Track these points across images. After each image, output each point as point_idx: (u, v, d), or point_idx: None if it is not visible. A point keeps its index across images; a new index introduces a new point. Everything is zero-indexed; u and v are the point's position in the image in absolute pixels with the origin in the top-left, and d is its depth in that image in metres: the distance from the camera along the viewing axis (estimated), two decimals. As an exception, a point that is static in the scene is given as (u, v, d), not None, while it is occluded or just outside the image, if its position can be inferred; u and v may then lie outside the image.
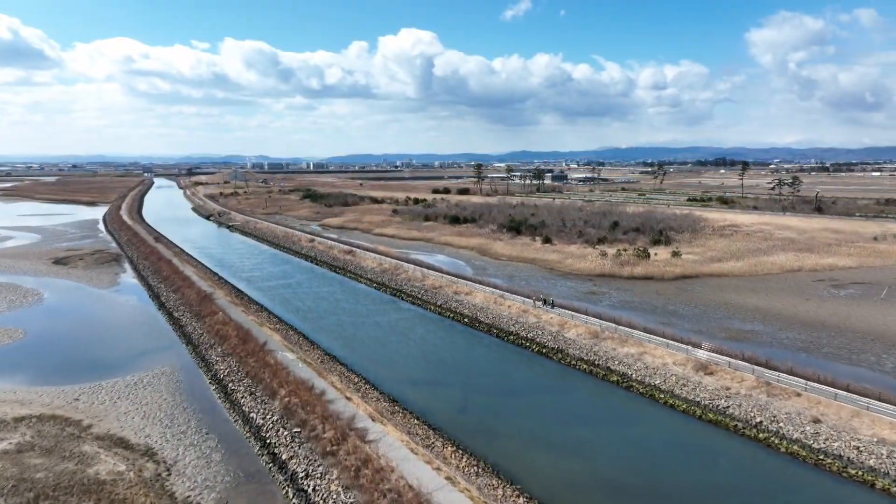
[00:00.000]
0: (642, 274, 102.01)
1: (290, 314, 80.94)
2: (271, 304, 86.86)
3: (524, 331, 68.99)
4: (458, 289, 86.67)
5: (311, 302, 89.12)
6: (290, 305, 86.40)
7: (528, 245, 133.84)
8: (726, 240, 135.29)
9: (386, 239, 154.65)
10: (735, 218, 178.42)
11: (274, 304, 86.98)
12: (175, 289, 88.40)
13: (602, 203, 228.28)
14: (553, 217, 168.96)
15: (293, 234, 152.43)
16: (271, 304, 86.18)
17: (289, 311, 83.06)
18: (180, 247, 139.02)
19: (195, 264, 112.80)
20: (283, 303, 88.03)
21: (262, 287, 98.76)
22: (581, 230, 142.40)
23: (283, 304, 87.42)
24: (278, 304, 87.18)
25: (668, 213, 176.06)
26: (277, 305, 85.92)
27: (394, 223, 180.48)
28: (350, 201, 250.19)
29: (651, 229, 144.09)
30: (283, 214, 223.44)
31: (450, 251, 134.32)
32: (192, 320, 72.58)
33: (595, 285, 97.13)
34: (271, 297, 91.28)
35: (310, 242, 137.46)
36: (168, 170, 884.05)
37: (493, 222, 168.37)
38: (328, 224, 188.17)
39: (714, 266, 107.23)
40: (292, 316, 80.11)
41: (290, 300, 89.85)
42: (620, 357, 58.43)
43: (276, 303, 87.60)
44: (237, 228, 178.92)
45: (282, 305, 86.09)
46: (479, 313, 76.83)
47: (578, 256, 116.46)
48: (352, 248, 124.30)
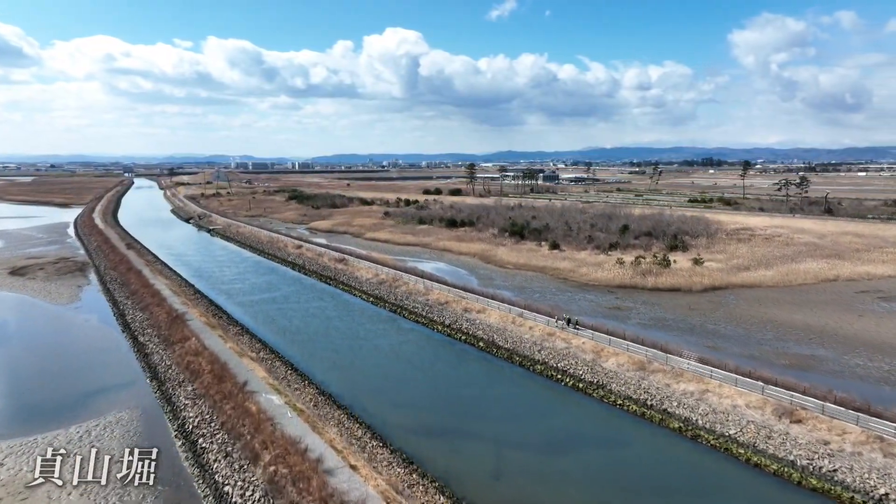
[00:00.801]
0: (668, 285, 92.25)
1: (276, 336, 69.97)
2: (254, 323, 75.82)
3: (553, 359, 58.65)
4: (467, 305, 76.18)
5: (300, 320, 78.17)
6: (275, 325, 75.40)
7: (534, 251, 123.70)
8: (745, 245, 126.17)
9: (379, 244, 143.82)
10: (745, 220, 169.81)
11: (257, 323, 75.94)
12: (143, 306, 77.02)
13: (602, 204, 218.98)
14: (556, 220, 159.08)
15: (279, 239, 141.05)
16: (254, 324, 75.12)
17: (274, 332, 72.08)
18: (155, 254, 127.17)
19: (169, 275, 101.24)
20: (268, 322, 77.00)
21: (244, 302, 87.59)
22: (590, 234, 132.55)
23: (268, 323, 76.38)
24: (262, 323, 76.14)
25: (676, 215, 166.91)
26: (261, 325, 74.88)
27: (386, 226, 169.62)
28: (338, 203, 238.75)
29: (664, 234, 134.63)
30: (268, 217, 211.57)
31: (450, 258, 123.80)
32: (160, 347, 61.43)
33: (618, 298, 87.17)
34: (254, 315, 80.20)
35: (297, 249, 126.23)
36: (150, 170, 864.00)
37: (492, 226, 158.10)
38: (316, 227, 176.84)
39: (743, 275, 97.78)
40: (278, 339, 69.16)
41: (276, 318, 78.83)
42: (678, 396, 48.29)
43: (259, 322, 76.56)
44: (218, 233, 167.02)
45: (266, 325, 75.07)
46: (496, 336, 66.39)
47: (593, 265, 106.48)
48: (343, 255, 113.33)
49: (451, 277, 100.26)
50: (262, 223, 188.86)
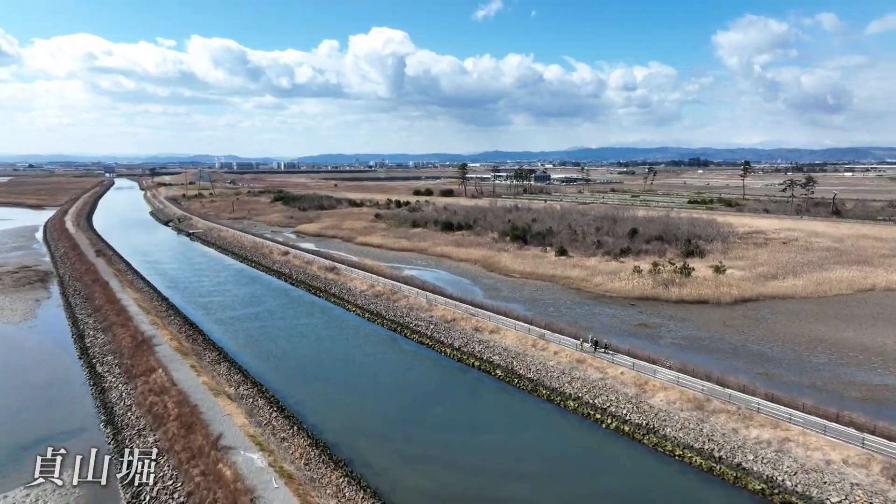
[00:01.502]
0: (693, 297, 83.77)
1: (259, 363, 60.37)
2: (234, 345, 66.12)
3: (589, 393, 49.66)
4: (478, 323, 67.03)
5: (287, 341, 68.57)
6: (258, 348, 65.75)
7: (540, 257, 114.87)
8: (764, 250, 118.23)
9: (371, 249, 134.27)
10: (753, 222, 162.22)
11: (238, 345, 66.26)
12: (106, 326, 67.02)
13: (601, 206, 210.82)
14: (558, 223, 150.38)
15: (263, 244, 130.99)
16: (234, 347, 65.43)
17: (257, 357, 62.48)
18: (128, 261, 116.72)
19: (140, 287, 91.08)
20: (250, 343, 67.33)
21: (224, 319, 77.75)
22: (598, 239, 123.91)
23: (250, 345, 66.72)
24: (243, 345, 66.47)
25: (683, 217, 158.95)
26: (242, 348, 65.21)
27: (378, 230, 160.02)
28: (326, 204, 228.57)
29: (676, 238, 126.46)
30: (252, 219, 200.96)
31: (449, 265, 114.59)
32: (121, 381, 51.65)
33: (641, 313, 78.51)
34: (234, 335, 70.48)
35: (283, 255, 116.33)
36: (132, 170, 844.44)
37: (491, 229, 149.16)
38: (303, 231, 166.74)
39: (772, 285, 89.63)
40: (262, 366, 59.59)
41: (259, 339, 69.17)
42: (751, 446, 39.52)
43: (240, 344, 66.86)
44: (198, 237, 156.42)
45: (248, 348, 65.40)
46: (515, 362, 57.30)
47: (607, 273, 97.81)
48: (335, 263, 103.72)
49: (453, 288, 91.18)
50: (245, 226, 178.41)
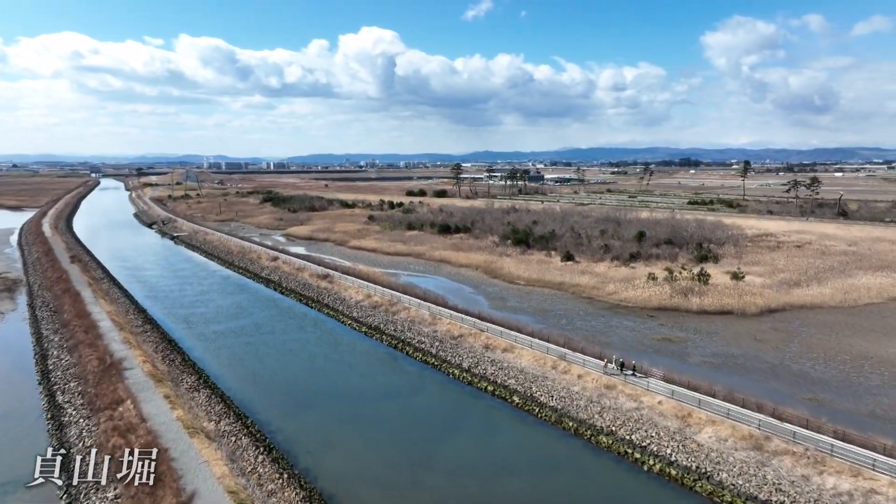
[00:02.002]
0: (716, 307, 77.67)
1: (244, 387, 53.47)
2: (216, 366, 59.16)
3: (624, 428, 43.23)
4: (489, 340, 60.49)
5: (276, 361, 61.74)
6: (243, 369, 58.87)
7: (545, 263, 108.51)
8: (779, 254, 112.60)
9: (366, 254, 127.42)
10: (760, 224, 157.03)
11: (220, 366, 59.31)
12: (73, 345, 59.85)
13: (599, 207, 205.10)
14: (559, 225, 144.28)
15: (251, 248, 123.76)
16: (216, 368, 58.46)
17: (242, 379, 55.59)
18: (105, 268, 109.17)
19: (116, 297, 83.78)
20: (234, 363, 60.43)
21: (206, 334, 70.69)
22: (606, 243, 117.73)
23: (234, 365, 59.81)
24: (227, 365, 59.53)
25: (688, 219, 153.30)
26: (225, 370, 58.27)
27: (372, 233, 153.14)
28: (317, 205, 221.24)
29: (686, 241, 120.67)
30: (240, 221, 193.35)
31: (449, 271, 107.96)
32: (82, 414, 44.63)
33: (662, 325, 72.29)
34: (217, 353, 63.53)
35: (272, 261, 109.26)
36: (119, 170, 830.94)
37: (491, 232, 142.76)
38: (293, 234, 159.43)
39: (797, 293, 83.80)
40: (247, 391, 52.72)
41: (244, 358, 62.26)
42: (829, 499, 33.21)
43: (223, 364, 59.91)
44: (183, 240, 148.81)
45: (231, 369, 58.49)
46: (534, 387, 50.77)
47: (619, 280, 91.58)
48: (328, 270, 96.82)
49: (455, 297, 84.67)
50: (233, 229, 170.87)
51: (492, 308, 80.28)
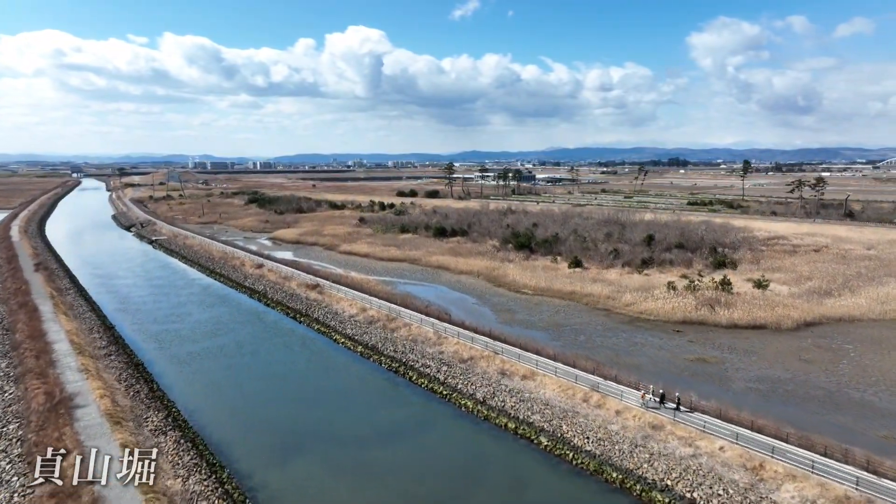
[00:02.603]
0: (747, 321, 70.46)
1: (223, 425, 45.28)
2: (191, 397, 50.88)
3: (680, 481, 35.64)
4: (504, 365, 52.76)
5: (259, 389, 53.66)
6: (221, 401, 50.71)
7: (551, 269, 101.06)
8: (798, 259, 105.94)
9: (357, 259, 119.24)
10: (769, 226, 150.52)
11: (195, 397, 51.06)
12: (20, 374, 51.26)
13: (599, 208, 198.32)
14: (561, 228, 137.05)
15: (234, 254, 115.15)
16: (190, 400, 50.17)
17: (220, 415, 47.41)
18: (74, 276, 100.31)
19: (80, 312, 75.05)
20: (211, 393, 52.25)
21: (180, 355, 62.34)
22: (615, 248, 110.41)
23: (211, 395, 51.63)
24: (202, 397, 51.29)
25: (695, 222, 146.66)
26: (201, 402, 50.03)
27: (363, 236, 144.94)
28: (305, 207, 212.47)
29: (698, 245, 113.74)
30: (224, 224, 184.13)
31: (448, 279, 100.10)
32: (16, 471, 36.32)
33: (692, 342, 64.96)
34: (191, 380, 55.31)
35: (257, 269, 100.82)
36: (102, 170, 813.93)
37: (489, 235, 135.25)
38: (280, 238, 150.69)
39: (831, 305, 76.88)
40: (226, 429, 44.59)
41: (223, 387, 54.11)
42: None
43: (198, 394, 51.67)
44: (162, 245, 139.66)
45: (208, 401, 50.28)
46: (564, 426, 43.09)
47: (636, 289, 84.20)
48: (317, 279, 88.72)
49: (458, 310, 77.16)
50: (215, 232, 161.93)
51: (500, 322, 72.68)
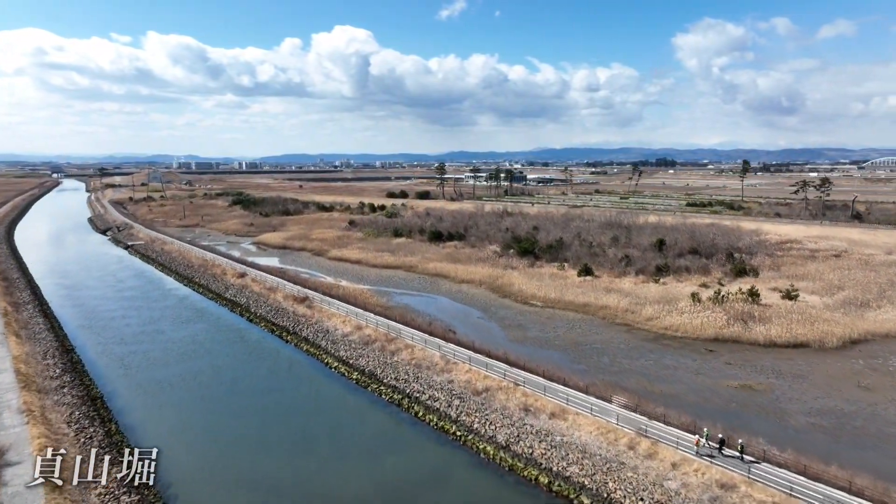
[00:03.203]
0: (786, 338, 63.32)
1: (195, 487, 37.13)
2: (157, 438, 42.23)
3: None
4: (527, 398, 45.03)
5: (237, 426, 45.52)
6: (194, 452, 42.52)
7: (559, 278, 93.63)
8: (822, 266, 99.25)
9: (349, 266, 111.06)
10: (779, 229, 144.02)
11: (162, 439, 42.37)
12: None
13: (597, 210, 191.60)
14: (562, 231, 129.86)
15: (216, 262, 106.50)
16: (157, 444, 41.76)
17: (192, 472, 39.21)
18: (37, 288, 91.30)
19: (36, 332, 66.26)
20: (182, 439, 44.02)
21: (147, 384, 53.95)
22: (626, 254, 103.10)
23: (181, 443, 43.36)
24: (170, 444, 42.90)
25: (704, 225, 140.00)
26: (168, 448, 41.37)
27: (354, 240, 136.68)
28: (292, 209, 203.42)
29: (713, 251, 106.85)
30: (207, 227, 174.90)
31: (449, 288, 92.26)
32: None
33: (729, 364, 57.70)
34: (158, 419, 47.05)
35: (239, 278, 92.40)
36: (84, 170, 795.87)
37: (488, 239, 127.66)
38: (265, 242, 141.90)
39: (873, 318, 70.11)
40: (196, 482, 36.52)
41: (195, 430, 45.94)
42: None
43: (165, 437, 43.28)
44: (138, 250, 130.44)
45: (177, 449, 41.92)
46: (610, 482, 35.39)
47: (656, 301, 76.84)
48: (306, 291, 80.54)
49: (463, 325, 69.63)
50: (197, 236, 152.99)
51: (511, 341, 65.09)
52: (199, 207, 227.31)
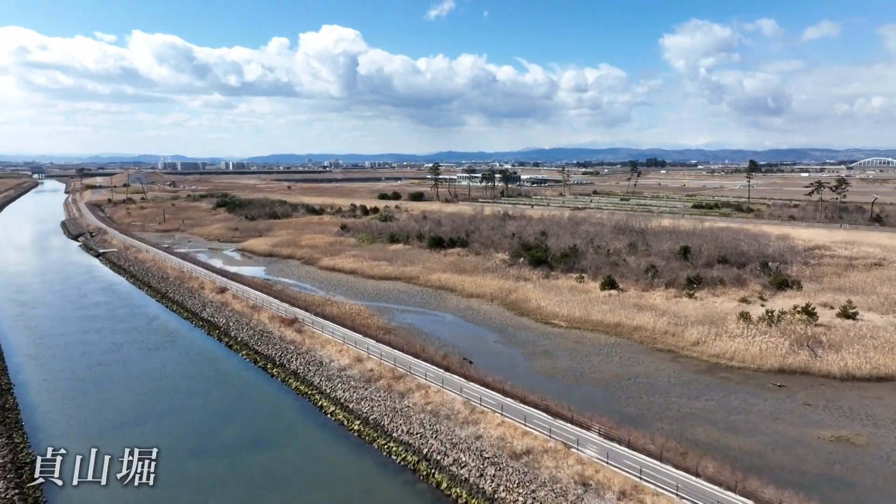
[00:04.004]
0: (866, 370, 53.68)
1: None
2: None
3: None
4: (584, 468, 34.70)
5: (206, 499, 34.81)
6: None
7: (580, 291, 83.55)
8: (865, 276, 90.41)
9: (343, 277, 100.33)
10: (803, 234, 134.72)
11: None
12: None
13: (599, 211, 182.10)
14: (572, 236, 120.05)
15: (193, 273, 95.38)
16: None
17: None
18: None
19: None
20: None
21: (99, 435, 42.92)
22: (653, 264, 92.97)
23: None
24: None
25: (725, 229, 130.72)
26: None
27: (347, 247, 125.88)
28: (279, 212, 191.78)
29: (742, 259, 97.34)
30: (187, 232, 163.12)
31: (456, 304, 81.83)
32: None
33: (808, 405, 47.85)
34: (102, 488, 36.08)
35: (219, 294, 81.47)
36: (67, 170, 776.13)
37: (493, 246, 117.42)
38: (250, 249, 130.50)
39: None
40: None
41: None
42: None
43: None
44: (110, 259, 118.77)
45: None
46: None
47: (698, 321, 66.84)
48: (295, 311, 69.76)
49: (479, 351, 59.62)
50: (176, 242, 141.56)
51: (538, 373, 55.11)
52: (181, 210, 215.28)
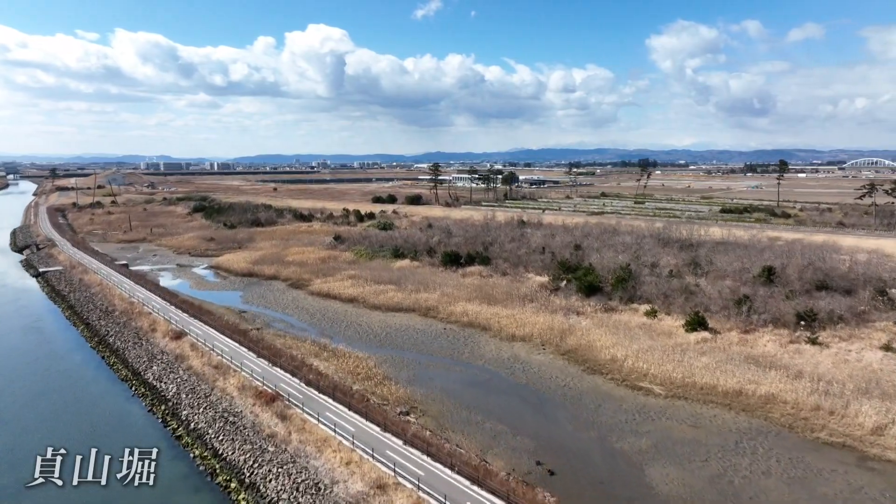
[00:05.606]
0: None
1: None
2: None
3: None
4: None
5: None
6: None
7: (657, 332, 62.98)
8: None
9: (340, 307, 78.86)
10: (868, 244, 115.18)
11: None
12: None
13: (618, 217, 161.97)
14: (612, 250, 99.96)
15: (145, 307, 73.59)
16: None
17: None
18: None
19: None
20: None
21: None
22: (746, 295, 72.28)
23: None
24: None
25: (782, 241, 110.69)
26: None
27: (343, 264, 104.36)
28: (263, 218, 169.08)
29: (846, 284, 77.30)
30: (155, 243, 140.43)
31: (496, 352, 60.66)
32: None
33: None
34: None
35: (174, 341, 59.80)
36: (44, 171, 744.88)
37: (522, 263, 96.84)
38: (226, 266, 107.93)
39: None
40: None
41: None
42: None
43: None
44: (50, 281, 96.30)
45: None
46: None
47: (860, 390, 46.35)
48: (279, 376, 48.39)
49: (555, 447, 38.59)
50: (139, 256, 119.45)
51: (663, 495, 34.16)
52: (152, 216, 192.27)
